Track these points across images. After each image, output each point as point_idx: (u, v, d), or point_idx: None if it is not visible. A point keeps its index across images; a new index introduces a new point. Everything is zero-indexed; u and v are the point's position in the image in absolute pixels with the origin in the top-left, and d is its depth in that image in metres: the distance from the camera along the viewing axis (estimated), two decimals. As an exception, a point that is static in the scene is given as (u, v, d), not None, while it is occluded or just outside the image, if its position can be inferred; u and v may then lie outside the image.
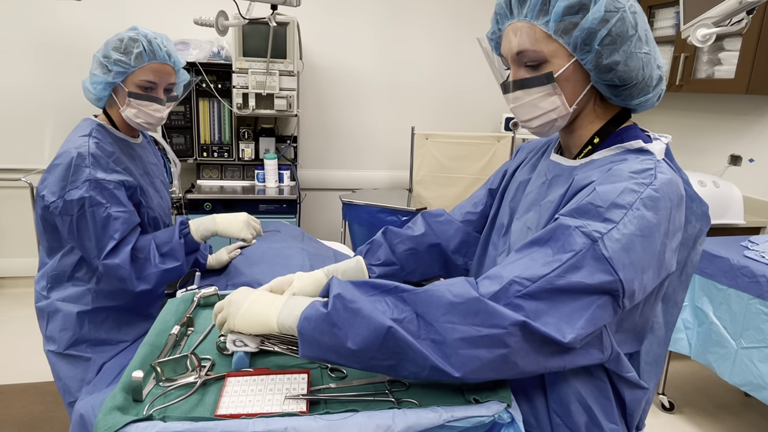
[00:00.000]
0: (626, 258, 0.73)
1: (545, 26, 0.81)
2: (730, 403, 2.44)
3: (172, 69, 1.43)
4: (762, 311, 1.82)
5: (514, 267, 0.76)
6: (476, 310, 0.72)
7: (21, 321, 2.81)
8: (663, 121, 3.28)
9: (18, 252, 3.30)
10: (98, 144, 1.35)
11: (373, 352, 0.74)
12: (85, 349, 1.45)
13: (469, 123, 3.73)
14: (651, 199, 0.75)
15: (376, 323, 0.73)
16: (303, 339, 0.77)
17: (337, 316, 0.75)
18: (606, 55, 0.80)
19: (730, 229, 2.47)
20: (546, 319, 0.72)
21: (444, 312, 0.73)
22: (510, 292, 0.73)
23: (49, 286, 1.45)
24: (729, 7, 1.56)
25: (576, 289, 0.72)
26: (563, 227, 0.76)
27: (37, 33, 3.11)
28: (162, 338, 0.98)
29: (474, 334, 0.72)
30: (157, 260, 1.36)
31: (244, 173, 3.36)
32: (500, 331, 0.71)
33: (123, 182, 1.34)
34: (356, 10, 3.48)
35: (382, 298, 0.78)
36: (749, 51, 2.40)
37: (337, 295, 0.76)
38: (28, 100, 3.17)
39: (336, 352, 0.76)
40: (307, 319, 0.77)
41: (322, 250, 1.84)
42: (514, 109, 0.90)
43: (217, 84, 3.10)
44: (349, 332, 0.74)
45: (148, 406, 0.78)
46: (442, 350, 0.73)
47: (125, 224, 1.31)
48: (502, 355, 0.72)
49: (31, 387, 2.30)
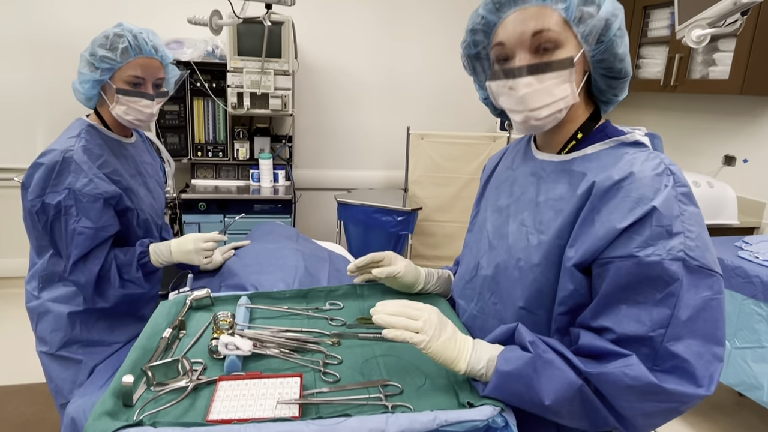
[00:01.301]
0: (709, 254, 0.78)
1: (564, 11, 0.82)
2: (724, 403, 2.45)
3: (160, 63, 1.41)
4: (756, 311, 1.83)
5: (628, 325, 0.77)
6: (655, 392, 0.75)
7: (14, 321, 2.78)
8: (657, 121, 3.29)
9: (11, 252, 3.27)
10: (85, 147, 1.34)
11: (561, 405, 0.78)
12: (77, 351, 1.44)
13: (464, 123, 3.72)
14: (686, 196, 0.79)
15: (570, 377, 0.77)
16: (496, 378, 0.80)
17: (539, 362, 0.79)
18: (617, 45, 0.83)
19: (724, 229, 2.48)
20: (702, 356, 0.75)
21: (622, 393, 0.76)
22: (659, 349, 0.76)
23: (40, 286, 1.44)
24: (723, 8, 1.56)
25: (698, 308, 0.76)
26: (651, 264, 0.76)
27: (30, 32, 3.09)
28: (153, 341, 0.97)
29: (653, 410, 0.77)
30: (117, 284, 1.36)
31: (238, 173, 3.34)
32: (682, 405, 0.77)
33: (102, 194, 1.32)
34: (351, 9, 3.47)
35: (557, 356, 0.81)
36: (743, 52, 2.41)
37: (533, 342, 0.81)
38: (22, 100, 3.15)
39: (524, 398, 0.79)
40: (506, 361, 0.81)
41: (317, 250, 1.83)
42: (524, 96, 0.84)
43: (211, 83, 3.08)
44: (543, 381, 0.78)
45: (139, 411, 0.77)
46: (620, 419, 0.79)
47: (88, 241, 1.30)
48: (675, 414, 0.79)
49: (23, 388, 2.28)
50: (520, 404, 0.81)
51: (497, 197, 1.02)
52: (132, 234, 1.44)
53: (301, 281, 1.41)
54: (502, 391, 0.80)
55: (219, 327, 0.99)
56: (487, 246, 0.99)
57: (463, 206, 3.38)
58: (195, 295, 1.15)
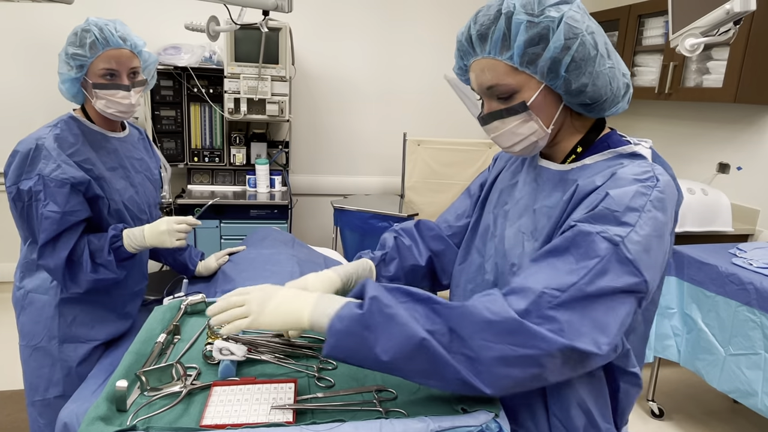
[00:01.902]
0: (647, 258, 0.75)
1: (510, 60, 0.83)
2: (719, 410, 2.45)
3: (131, 52, 1.39)
4: (750, 318, 1.84)
5: (538, 278, 0.76)
6: (514, 330, 0.72)
7: (5, 326, 2.77)
8: (652, 128, 3.31)
9: (5, 257, 3.26)
10: (58, 135, 1.35)
11: (402, 362, 0.74)
12: (54, 345, 1.43)
13: (460, 129, 3.74)
14: (659, 201, 0.78)
15: (410, 332, 0.73)
16: (331, 337, 0.77)
17: (372, 319, 0.75)
18: (574, 79, 0.81)
19: (718, 236, 2.50)
20: (581, 330, 0.73)
21: (479, 329, 0.73)
22: (542, 304, 0.74)
23: (21, 275, 1.45)
24: (716, 17, 1.58)
25: (605, 293, 0.74)
26: (583, 234, 0.77)
27: (28, 37, 3.09)
28: (148, 346, 0.97)
29: (509, 354, 0.72)
30: (89, 268, 1.35)
31: (235, 178, 3.34)
32: (538, 352, 0.72)
33: (68, 180, 1.32)
34: (349, 16, 3.49)
35: (414, 305, 0.78)
36: (737, 60, 2.43)
37: (373, 298, 0.76)
38: (18, 103, 3.14)
39: (361, 356, 0.76)
40: (340, 319, 0.77)
41: (313, 256, 1.83)
42: (495, 138, 0.91)
43: (208, 89, 3.09)
44: (380, 337, 0.74)
45: (132, 416, 0.77)
46: (474, 366, 0.74)
47: (54, 225, 1.30)
48: (536, 373, 0.73)
49: (16, 394, 2.27)
50: (362, 363, 0.77)
51: (503, 201, 1.03)
52: (104, 223, 1.43)
53: (297, 286, 1.41)
54: (339, 350, 0.77)
55: (213, 332, 0.99)
56: (493, 250, 1.00)
57: (460, 212, 3.38)
58: (190, 300, 1.15)
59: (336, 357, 0.78)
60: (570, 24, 0.79)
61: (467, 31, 0.87)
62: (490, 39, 0.83)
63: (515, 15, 0.80)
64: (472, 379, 0.73)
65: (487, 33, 0.83)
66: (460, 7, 3.55)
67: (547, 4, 0.81)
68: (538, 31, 0.80)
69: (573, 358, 0.73)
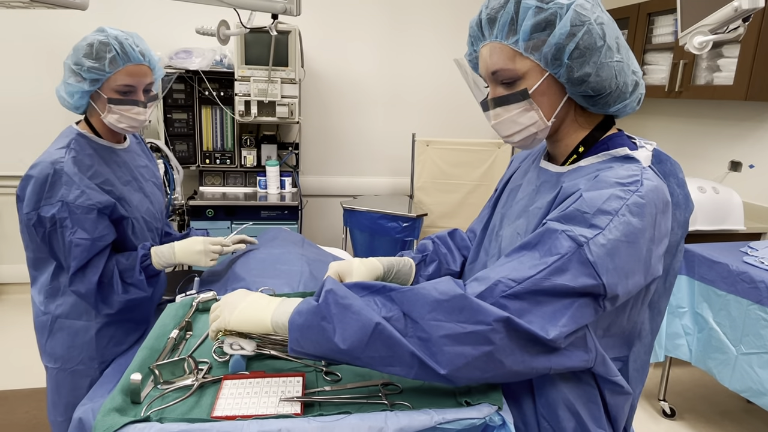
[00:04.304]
0: (610, 263, 0.74)
1: (515, 45, 0.84)
2: (732, 410, 2.43)
3: (149, 69, 1.37)
4: (761, 317, 1.82)
5: (501, 269, 0.78)
6: (461, 307, 0.74)
7: (22, 327, 2.83)
8: (663, 127, 3.29)
9: (21, 258, 3.32)
10: (75, 158, 1.32)
11: (361, 349, 0.75)
12: (95, 366, 1.44)
13: (469, 129, 3.75)
14: (637, 206, 0.76)
15: (365, 319, 0.75)
16: (292, 332, 0.79)
17: (327, 310, 0.77)
18: (576, 68, 0.81)
19: (730, 234, 2.48)
20: (529, 318, 0.74)
21: (430, 309, 0.75)
22: (495, 292, 0.75)
23: (47, 300, 1.43)
24: (725, 14, 1.57)
25: (560, 291, 0.74)
26: (550, 231, 0.78)
27: (38, 42, 3.16)
28: (161, 342, 1.00)
29: (459, 331, 0.73)
30: (120, 289, 1.36)
31: (246, 180, 3.38)
32: (484, 327, 0.73)
33: (95, 205, 1.31)
34: (357, 18, 3.52)
35: (372, 297, 0.80)
36: (747, 58, 2.42)
37: (329, 291, 0.78)
38: (33, 108, 3.22)
39: (323, 347, 0.77)
40: (299, 313, 0.79)
41: (322, 255, 1.85)
42: (495, 125, 0.92)
43: (219, 92, 3.13)
44: (337, 327, 0.76)
45: (146, 407, 0.80)
46: (428, 347, 0.75)
47: (85, 252, 1.30)
48: (487, 352, 0.73)
49: (34, 392, 2.32)
50: (325, 355, 0.78)
51: (509, 201, 1.04)
52: (128, 240, 1.43)
53: (306, 285, 1.43)
54: (301, 344, 0.78)
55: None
56: (496, 250, 1.01)
57: (469, 213, 3.39)
58: (201, 297, 1.18)
59: (300, 351, 0.79)
60: (578, 11, 0.80)
61: (478, 16, 0.89)
62: (498, 22, 0.84)
63: (524, 0, 0.81)
64: (428, 361, 0.74)
65: (496, 17, 0.85)
66: (467, 8, 3.56)
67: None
68: (546, 16, 0.80)
69: (521, 338, 0.74)
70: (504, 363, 0.75)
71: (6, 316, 3.14)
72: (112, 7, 3.17)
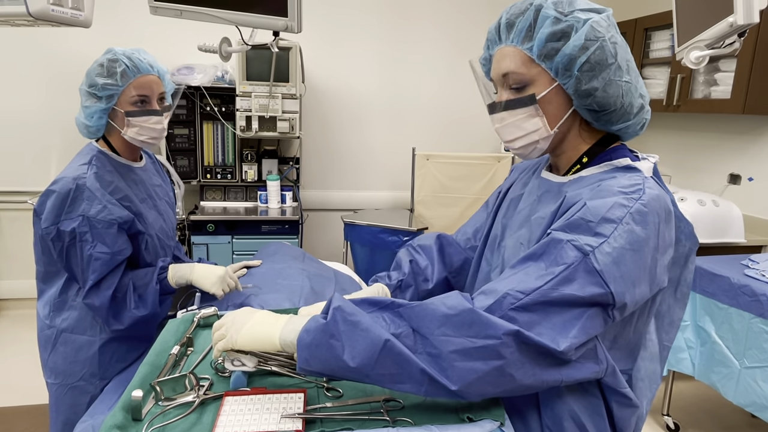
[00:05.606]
0: (617, 271, 0.74)
1: (529, 51, 0.86)
2: (737, 425, 2.41)
3: (158, 78, 1.44)
4: (764, 330, 1.82)
5: (508, 281, 0.78)
6: (470, 322, 0.73)
7: (24, 343, 2.82)
8: (662, 140, 3.31)
9: (24, 274, 3.32)
10: (97, 174, 1.35)
11: (371, 366, 0.75)
12: (95, 383, 1.44)
13: (469, 143, 3.77)
14: (640, 214, 0.77)
15: (374, 336, 0.75)
16: (301, 351, 0.78)
17: (336, 327, 0.76)
18: (585, 80, 0.83)
19: (730, 247, 2.48)
20: (539, 330, 0.74)
21: (439, 325, 0.75)
22: (504, 305, 0.75)
23: (51, 313, 1.44)
24: (720, 30, 1.60)
25: (568, 301, 0.74)
26: (555, 241, 0.78)
27: (44, 59, 3.19)
28: (162, 358, 1.00)
29: (468, 346, 0.73)
30: (133, 305, 1.37)
31: (247, 194, 3.39)
32: (494, 341, 0.72)
33: (116, 220, 1.34)
34: (357, 34, 3.56)
35: (380, 314, 0.80)
36: (744, 72, 2.44)
37: (336, 308, 0.78)
38: (35, 124, 3.24)
39: (332, 365, 0.77)
40: (307, 332, 0.79)
41: (323, 270, 1.85)
42: (499, 129, 0.93)
43: (221, 107, 3.16)
44: (346, 345, 0.75)
45: (147, 424, 0.79)
46: (438, 363, 0.74)
47: (104, 266, 1.32)
48: (498, 366, 0.73)
49: (33, 409, 2.30)
50: (335, 373, 0.78)
51: (510, 211, 1.04)
52: (140, 257, 1.45)
53: (307, 300, 1.43)
54: (310, 363, 0.77)
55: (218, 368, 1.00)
56: (499, 260, 1.01)
57: (469, 226, 3.39)
58: (202, 313, 1.18)
59: (309, 370, 0.78)
60: (594, 27, 0.82)
61: (498, 20, 0.91)
62: (516, 27, 0.86)
63: (545, 9, 0.84)
64: (439, 377, 0.73)
65: (515, 22, 0.87)
66: (467, 23, 3.60)
67: (578, 7, 0.84)
68: (562, 27, 0.82)
69: (531, 351, 0.73)
70: (515, 377, 0.74)
71: (5, 332, 3.13)
72: (115, 24, 3.21)
